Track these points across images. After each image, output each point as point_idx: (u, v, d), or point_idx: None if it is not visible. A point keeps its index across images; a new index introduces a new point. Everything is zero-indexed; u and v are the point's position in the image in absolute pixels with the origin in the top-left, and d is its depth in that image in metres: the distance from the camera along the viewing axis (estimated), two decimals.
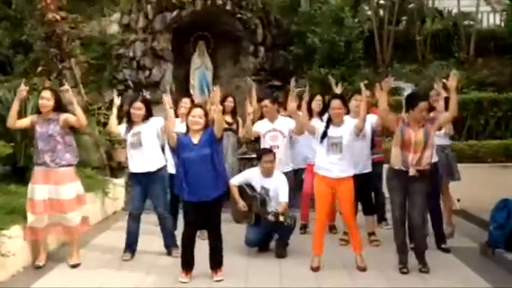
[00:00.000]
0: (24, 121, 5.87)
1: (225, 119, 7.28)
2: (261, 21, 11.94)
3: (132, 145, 5.99)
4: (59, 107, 5.79)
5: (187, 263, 5.33)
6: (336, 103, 5.60)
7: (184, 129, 5.39)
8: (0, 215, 5.78)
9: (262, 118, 7.11)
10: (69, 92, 5.88)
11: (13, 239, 5.38)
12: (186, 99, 7.06)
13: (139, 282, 5.33)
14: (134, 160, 6.02)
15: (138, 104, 6.01)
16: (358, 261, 5.62)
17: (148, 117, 6.04)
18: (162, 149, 6.34)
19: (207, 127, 5.30)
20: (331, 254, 5.87)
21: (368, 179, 6.41)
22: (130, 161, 6.09)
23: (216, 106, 5.34)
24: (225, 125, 7.08)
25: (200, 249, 5.39)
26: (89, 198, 7.53)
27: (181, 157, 5.23)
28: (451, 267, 5.70)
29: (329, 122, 5.62)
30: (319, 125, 5.79)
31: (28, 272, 5.64)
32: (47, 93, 5.80)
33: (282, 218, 5.92)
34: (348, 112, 6.15)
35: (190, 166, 5.17)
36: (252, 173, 6.41)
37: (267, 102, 6.98)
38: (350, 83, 10.46)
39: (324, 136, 5.56)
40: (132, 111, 5.98)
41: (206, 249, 5.39)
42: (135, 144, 5.97)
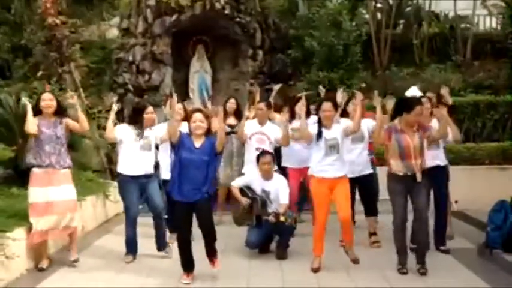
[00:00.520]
0: (34, 128, 5.76)
1: (227, 122, 7.37)
2: (259, 25, 12.02)
3: (143, 148, 6.05)
4: (59, 110, 5.87)
5: (188, 265, 5.39)
6: (326, 105, 5.70)
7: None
8: (3, 218, 5.86)
9: None
10: (74, 98, 5.95)
11: (17, 242, 5.44)
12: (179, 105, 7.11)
13: (141, 283, 5.39)
14: (140, 162, 6.04)
15: (150, 108, 6.16)
16: (350, 255, 5.80)
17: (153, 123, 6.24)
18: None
19: (209, 131, 5.38)
20: (330, 255, 5.94)
21: (369, 181, 6.47)
22: (131, 162, 6.05)
23: (219, 122, 5.41)
24: (227, 128, 7.17)
25: (196, 250, 5.44)
26: (90, 201, 7.64)
27: (180, 155, 5.29)
28: (449, 267, 5.76)
29: (320, 124, 5.70)
30: (311, 128, 5.84)
31: (31, 274, 5.69)
32: (48, 95, 5.89)
33: (282, 218, 6.00)
34: (348, 115, 6.26)
35: (187, 167, 5.24)
36: (253, 176, 6.48)
37: (262, 105, 7.06)
38: (348, 86, 10.54)
39: (319, 137, 5.64)
40: (146, 116, 6.08)
41: (203, 250, 5.44)
42: (146, 148, 6.06)
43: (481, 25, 14.67)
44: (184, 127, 5.80)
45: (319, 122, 5.72)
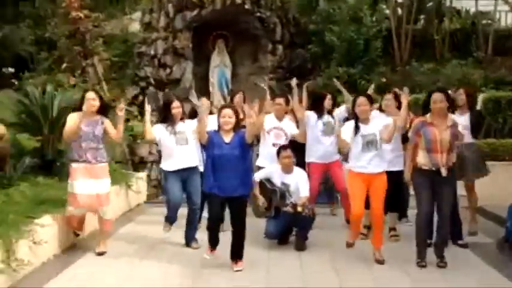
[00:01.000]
0: (73, 127, 5.90)
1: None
2: (279, 19, 12.09)
3: (178, 142, 6.16)
4: (102, 109, 6.06)
5: (214, 240, 5.56)
6: (361, 100, 5.71)
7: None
8: (31, 205, 6.03)
9: None
10: (123, 112, 6.08)
11: (45, 228, 5.60)
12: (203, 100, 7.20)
13: (164, 271, 5.52)
14: (178, 156, 6.16)
15: (176, 103, 6.25)
16: (377, 255, 5.75)
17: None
18: None
19: (238, 126, 5.50)
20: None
21: (398, 177, 6.46)
22: (171, 158, 6.19)
23: (252, 118, 5.47)
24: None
25: (222, 241, 5.58)
26: (114, 191, 7.77)
27: (212, 154, 5.42)
28: (468, 262, 5.80)
29: (357, 120, 5.71)
30: (350, 124, 5.85)
31: (58, 259, 5.87)
32: (92, 95, 6.04)
33: (300, 208, 6.09)
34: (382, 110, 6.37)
35: (220, 163, 5.36)
36: (273, 169, 6.57)
37: (280, 101, 7.14)
38: (368, 81, 10.58)
39: (356, 132, 5.66)
40: (173, 111, 6.19)
41: (228, 241, 5.57)
42: (182, 142, 6.18)
43: (503, 21, 14.58)
44: (211, 121, 5.92)
45: (356, 117, 5.74)
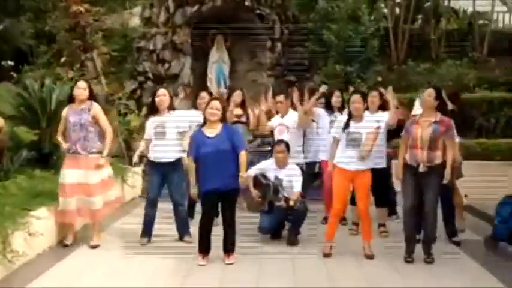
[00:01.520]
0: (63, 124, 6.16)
1: (234, 112, 7.55)
2: (279, 17, 12.15)
3: (156, 135, 6.23)
4: (91, 96, 6.15)
5: (205, 247, 5.61)
6: (355, 97, 5.84)
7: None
8: (27, 197, 6.14)
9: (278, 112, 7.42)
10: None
11: (40, 220, 5.70)
12: (204, 93, 7.31)
13: (157, 264, 5.62)
14: (156, 149, 6.26)
15: (162, 90, 6.29)
16: (366, 250, 5.87)
17: (171, 108, 6.31)
18: None
19: (224, 121, 5.57)
20: (341, 243, 6.13)
21: (382, 174, 6.58)
22: (152, 151, 6.31)
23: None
24: (234, 118, 7.37)
25: (213, 234, 5.67)
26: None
27: (199, 152, 5.51)
28: (455, 258, 5.93)
29: (350, 117, 5.84)
30: (341, 118, 6.04)
31: (53, 251, 5.98)
32: (82, 84, 6.14)
33: (292, 202, 6.20)
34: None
35: (208, 160, 5.45)
36: (267, 163, 6.67)
37: (281, 98, 7.28)
38: (364, 80, 10.68)
39: (345, 128, 5.79)
40: (157, 99, 6.22)
41: (219, 235, 5.68)
42: (159, 135, 6.22)
43: (500, 22, 14.66)
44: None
45: (349, 113, 5.86)
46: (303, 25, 12.69)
